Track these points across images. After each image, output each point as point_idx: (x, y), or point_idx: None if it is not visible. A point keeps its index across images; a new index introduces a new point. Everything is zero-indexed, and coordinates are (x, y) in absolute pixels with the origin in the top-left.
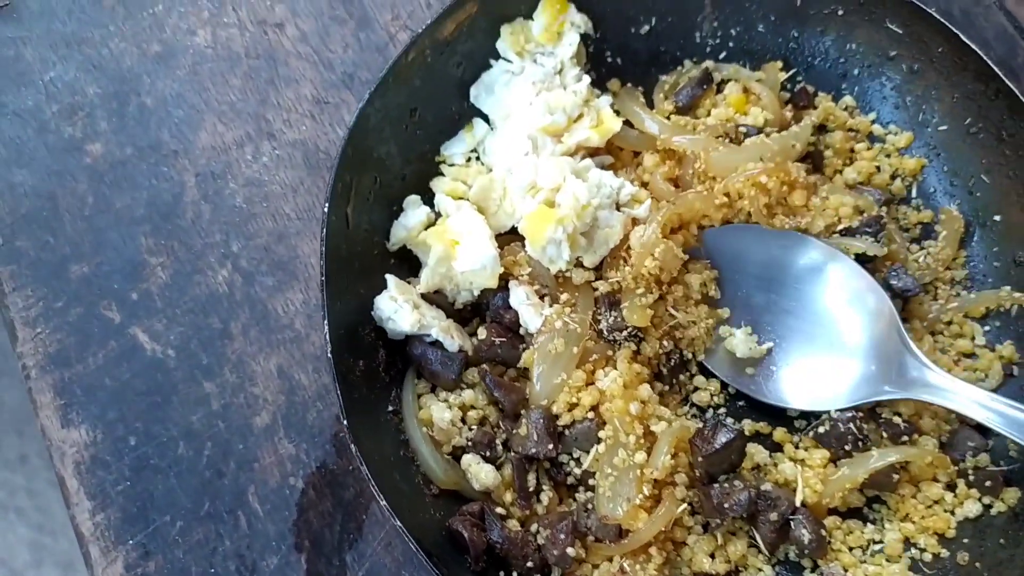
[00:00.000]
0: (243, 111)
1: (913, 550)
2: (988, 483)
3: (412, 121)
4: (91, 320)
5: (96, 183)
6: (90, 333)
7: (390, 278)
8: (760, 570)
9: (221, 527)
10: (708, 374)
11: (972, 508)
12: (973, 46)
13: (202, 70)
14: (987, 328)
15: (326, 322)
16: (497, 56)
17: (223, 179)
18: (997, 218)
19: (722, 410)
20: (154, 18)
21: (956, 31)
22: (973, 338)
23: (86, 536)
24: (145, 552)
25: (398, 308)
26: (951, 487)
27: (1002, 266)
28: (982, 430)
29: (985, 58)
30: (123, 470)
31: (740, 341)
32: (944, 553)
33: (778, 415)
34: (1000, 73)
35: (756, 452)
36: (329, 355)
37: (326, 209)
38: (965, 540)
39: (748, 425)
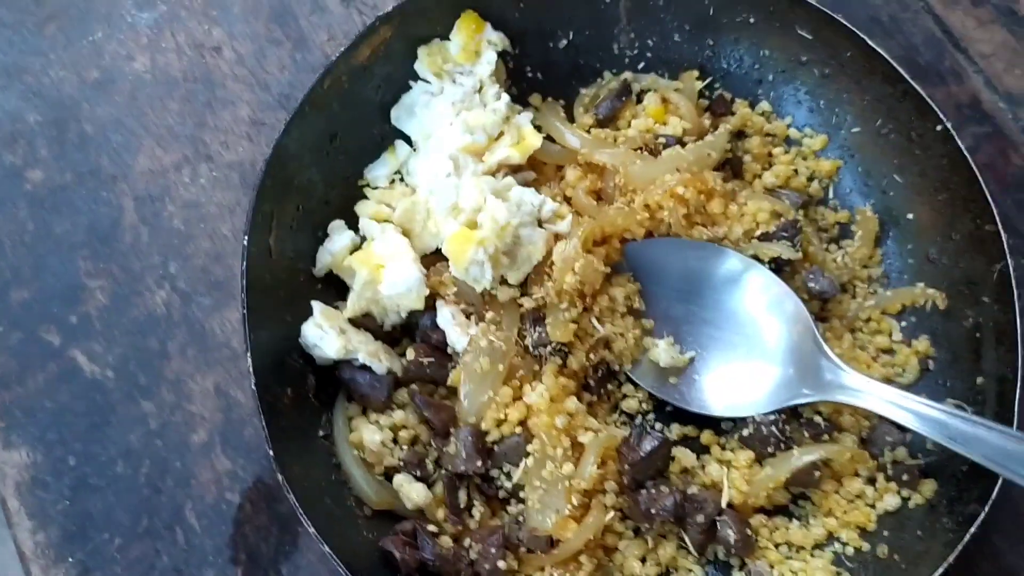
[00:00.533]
0: (181, 134)
1: (836, 544)
2: (906, 476)
3: (333, 147)
4: (31, 344)
5: (36, 209)
6: (30, 356)
7: (316, 305)
8: (690, 571)
9: (159, 543)
10: (636, 383)
11: (891, 501)
12: (879, 49)
13: (140, 95)
14: (903, 324)
15: (248, 355)
16: (416, 78)
17: (161, 202)
18: (910, 216)
19: (651, 416)
20: (93, 45)
21: (863, 36)
22: (890, 334)
23: (27, 555)
24: (85, 569)
25: (324, 335)
26: (871, 481)
27: (916, 263)
28: (900, 426)
29: (891, 61)
30: (63, 490)
31: (663, 351)
32: (865, 547)
33: (705, 418)
34: (906, 75)
35: (683, 456)
36: (252, 387)
37: (245, 242)
38: (885, 533)
39: (676, 429)
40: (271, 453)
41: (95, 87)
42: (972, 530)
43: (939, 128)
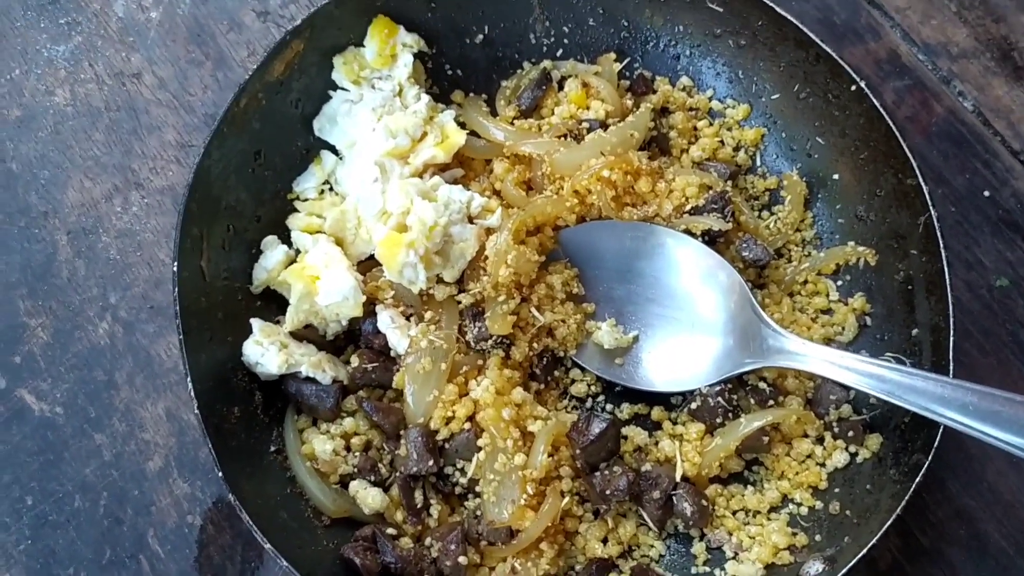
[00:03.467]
0: (108, 164)
1: (791, 506)
2: (852, 433)
3: (258, 164)
4: None
5: None
6: None
7: (255, 322)
8: (652, 546)
9: (124, 573)
10: (583, 367)
11: (840, 458)
12: (788, 16)
13: (64, 129)
14: (839, 283)
15: (189, 380)
16: (335, 87)
17: (95, 234)
18: (835, 177)
19: (601, 398)
20: (12, 83)
21: (770, 3)
22: (827, 295)
23: None
24: None
25: (264, 351)
26: (820, 441)
27: (846, 222)
28: (843, 384)
29: (801, 27)
30: (23, 529)
31: (606, 333)
32: (818, 505)
33: (655, 395)
34: (817, 39)
35: (636, 435)
36: (196, 411)
37: (175, 269)
38: (836, 490)
39: (627, 409)
40: (220, 474)
41: (17, 125)
42: (918, 479)
43: (854, 88)
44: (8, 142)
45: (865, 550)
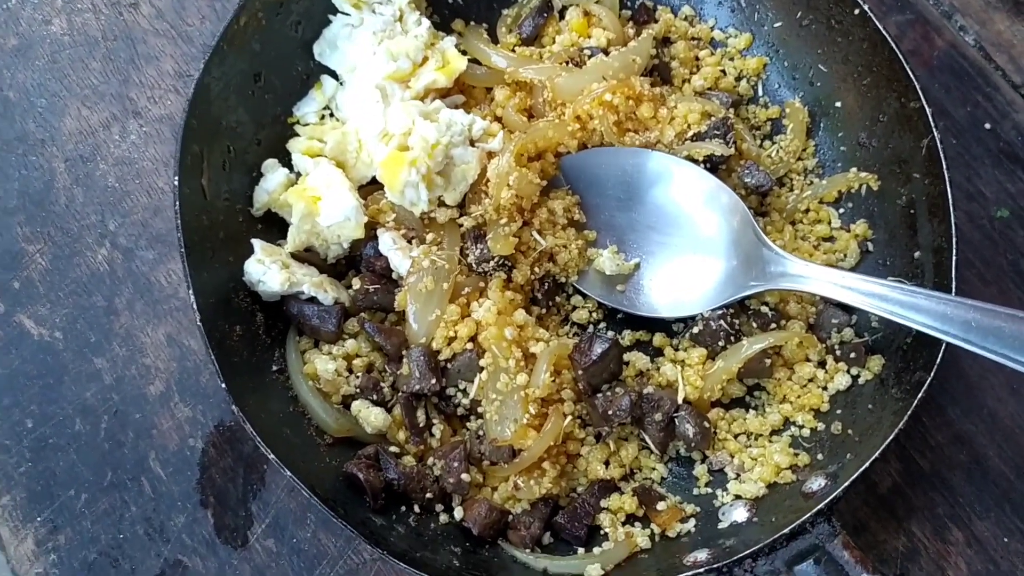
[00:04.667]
0: (106, 93)
1: (792, 428)
2: (853, 355)
3: (258, 86)
4: None
5: None
6: None
7: (256, 242)
8: (654, 469)
9: (126, 494)
10: (585, 293)
11: (842, 380)
12: None
13: (61, 58)
14: (841, 211)
15: (191, 292)
16: (335, 11)
17: (93, 161)
18: (838, 104)
19: (602, 325)
20: (8, 12)
21: None
22: (829, 222)
23: None
24: (53, 527)
25: (266, 270)
26: (822, 364)
27: (848, 149)
28: (845, 307)
29: None
30: (23, 452)
31: (607, 260)
32: (820, 426)
33: (656, 322)
34: None
35: (637, 359)
36: (199, 323)
37: (176, 183)
38: (838, 411)
39: (628, 335)
40: (223, 386)
41: (13, 54)
42: (920, 395)
43: (856, 12)
44: (5, 71)
45: (868, 463)
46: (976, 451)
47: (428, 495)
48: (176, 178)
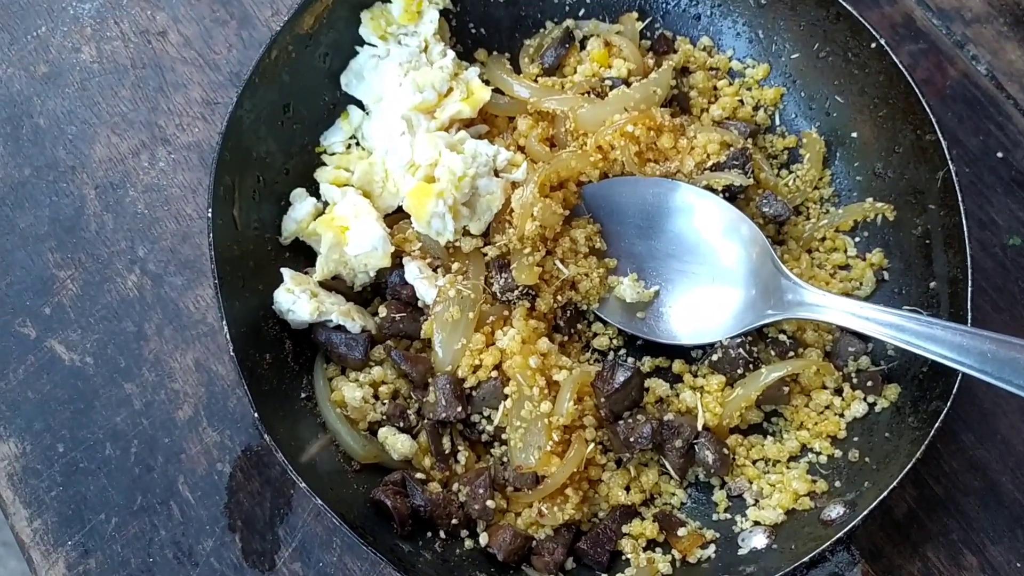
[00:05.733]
0: (135, 120)
1: (810, 455)
2: (870, 383)
3: (287, 116)
4: (7, 338)
5: None
6: (8, 350)
7: (285, 271)
8: (673, 494)
9: (155, 518)
10: (605, 321)
11: (858, 408)
12: None
13: (91, 85)
14: (857, 239)
15: (224, 323)
16: (362, 42)
17: (122, 188)
18: (854, 135)
19: (622, 351)
20: (39, 40)
21: None
22: (845, 251)
23: (26, 543)
24: (84, 551)
25: (296, 299)
26: (838, 392)
27: (864, 179)
28: (861, 336)
29: None
30: (55, 476)
31: (627, 288)
32: (837, 453)
33: (676, 349)
34: None
35: (657, 386)
36: (232, 354)
37: (209, 215)
38: (855, 439)
39: (648, 362)
40: (256, 415)
41: (44, 81)
42: (937, 424)
43: (873, 46)
44: (36, 98)
45: (886, 492)
46: (990, 477)
47: (454, 521)
48: (209, 210)
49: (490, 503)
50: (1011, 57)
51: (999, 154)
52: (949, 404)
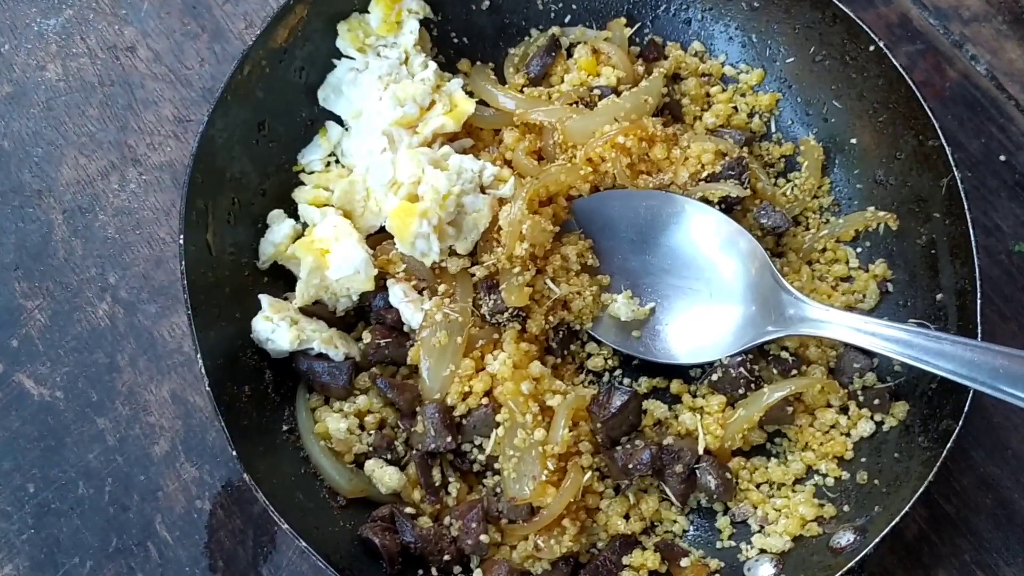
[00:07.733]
0: (104, 140)
1: (816, 477)
2: (877, 401)
3: (262, 135)
4: None
5: None
6: None
7: (263, 298)
8: (675, 522)
9: (132, 560)
10: (599, 340)
11: (865, 427)
12: None
13: (57, 104)
14: (859, 250)
15: (199, 355)
16: (339, 55)
17: (91, 212)
18: (853, 141)
19: (618, 372)
20: (1, 59)
21: None
22: (847, 262)
23: None
24: None
25: (275, 327)
26: (844, 410)
27: (864, 187)
28: (866, 351)
29: None
30: (25, 518)
31: (622, 305)
32: (845, 475)
33: (673, 368)
34: None
35: (655, 408)
36: (207, 389)
37: (181, 241)
38: (863, 460)
39: (645, 382)
40: (234, 453)
41: (8, 101)
42: (949, 445)
43: (872, 48)
44: None
45: (898, 518)
46: (1002, 495)
47: (446, 557)
48: (181, 236)
49: (484, 537)
50: (1011, 56)
51: (1002, 157)
52: (961, 423)
